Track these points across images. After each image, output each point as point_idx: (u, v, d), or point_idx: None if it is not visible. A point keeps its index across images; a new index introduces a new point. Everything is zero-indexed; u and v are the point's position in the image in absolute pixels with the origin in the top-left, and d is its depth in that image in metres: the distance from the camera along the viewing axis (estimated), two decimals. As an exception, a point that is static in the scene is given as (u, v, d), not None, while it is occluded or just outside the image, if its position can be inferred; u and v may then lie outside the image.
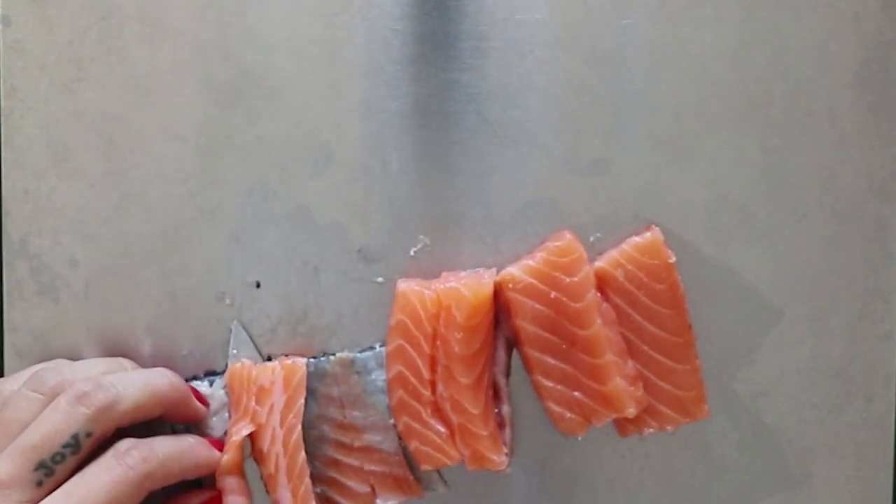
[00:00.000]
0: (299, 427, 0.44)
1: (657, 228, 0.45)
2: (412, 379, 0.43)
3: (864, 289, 0.47)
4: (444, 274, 0.45)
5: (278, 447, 0.43)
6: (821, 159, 0.46)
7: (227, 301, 0.46)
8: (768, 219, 0.46)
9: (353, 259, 0.46)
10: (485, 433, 0.43)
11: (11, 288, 0.46)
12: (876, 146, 0.46)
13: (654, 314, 0.44)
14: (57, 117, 0.46)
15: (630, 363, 0.45)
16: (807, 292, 0.47)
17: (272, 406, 0.44)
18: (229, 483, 0.42)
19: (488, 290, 0.43)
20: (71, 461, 0.38)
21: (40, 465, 0.38)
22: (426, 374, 0.43)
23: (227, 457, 0.42)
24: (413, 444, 0.44)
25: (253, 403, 0.44)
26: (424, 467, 0.44)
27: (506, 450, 0.44)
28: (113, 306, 0.46)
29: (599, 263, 0.45)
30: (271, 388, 0.44)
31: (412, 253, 0.46)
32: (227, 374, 0.45)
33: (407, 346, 0.43)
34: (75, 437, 0.38)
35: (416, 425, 0.43)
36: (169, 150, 0.46)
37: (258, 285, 0.46)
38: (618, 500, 0.47)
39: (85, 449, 0.39)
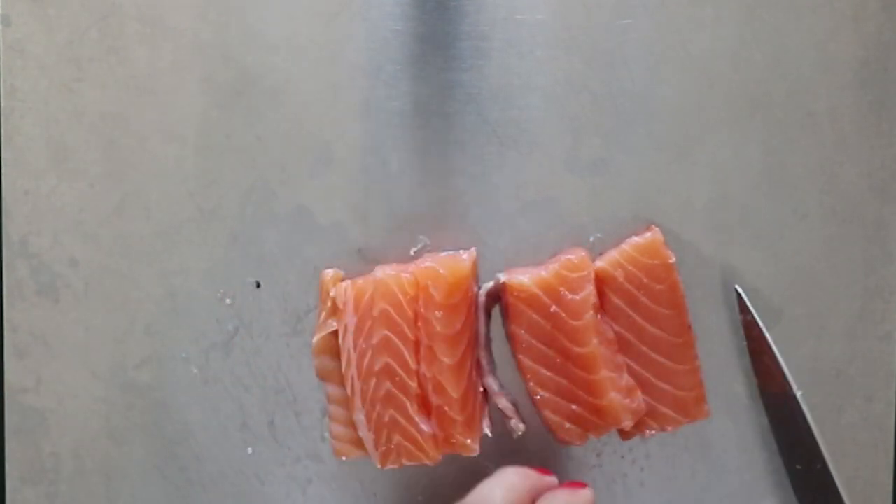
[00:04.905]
0: (370, 352, 0.42)
1: (657, 228, 0.45)
2: (399, 370, 0.43)
3: (864, 289, 0.47)
4: (424, 255, 0.45)
5: (353, 370, 0.43)
6: (821, 159, 0.46)
7: (228, 301, 0.46)
8: (768, 219, 0.46)
9: (353, 259, 0.46)
10: (460, 418, 0.43)
11: (11, 288, 0.46)
12: (876, 146, 0.46)
13: (654, 314, 0.44)
14: (57, 117, 0.46)
15: (625, 376, 0.44)
16: (807, 292, 0.47)
17: (346, 327, 0.43)
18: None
19: (466, 268, 0.43)
20: None
21: None
22: (412, 364, 0.43)
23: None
24: (396, 439, 0.43)
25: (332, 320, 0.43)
26: (405, 462, 0.43)
27: (487, 424, 0.44)
28: (113, 306, 0.46)
29: (599, 263, 0.45)
30: (344, 308, 0.43)
31: (412, 253, 0.46)
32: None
33: (392, 336, 0.42)
34: None
35: (402, 420, 0.43)
36: (169, 150, 0.46)
37: (258, 285, 0.46)
38: (618, 500, 0.47)
39: None
